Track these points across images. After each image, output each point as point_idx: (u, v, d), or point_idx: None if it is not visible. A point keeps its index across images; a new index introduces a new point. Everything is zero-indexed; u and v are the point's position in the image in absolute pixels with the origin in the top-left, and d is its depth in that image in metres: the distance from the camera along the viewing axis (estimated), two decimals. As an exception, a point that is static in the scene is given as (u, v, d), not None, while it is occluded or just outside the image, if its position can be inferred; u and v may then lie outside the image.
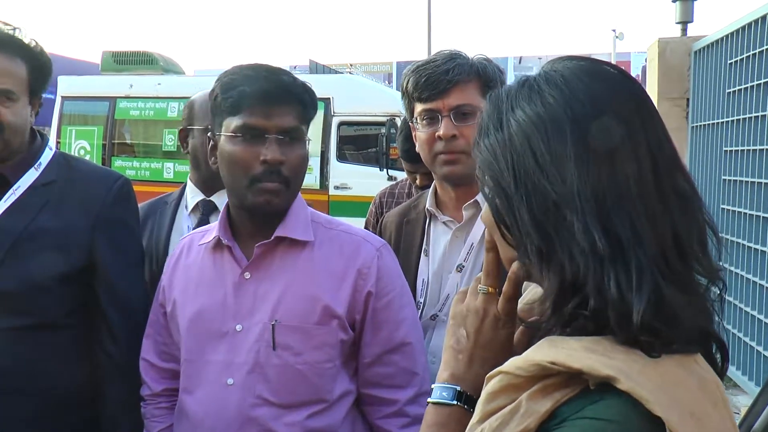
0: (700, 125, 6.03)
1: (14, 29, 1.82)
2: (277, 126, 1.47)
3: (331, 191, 8.90)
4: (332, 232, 1.61)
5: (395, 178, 7.92)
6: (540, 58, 28.80)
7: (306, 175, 1.63)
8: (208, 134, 1.62)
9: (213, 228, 1.63)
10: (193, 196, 2.21)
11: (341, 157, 9.04)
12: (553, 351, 0.77)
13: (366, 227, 2.43)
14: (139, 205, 2.11)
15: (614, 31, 25.59)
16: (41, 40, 1.84)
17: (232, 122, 1.49)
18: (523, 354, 0.81)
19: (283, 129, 1.48)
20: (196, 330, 1.57)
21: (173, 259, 1.71)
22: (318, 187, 8.90)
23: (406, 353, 1.57)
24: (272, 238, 1.53)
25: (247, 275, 1.55)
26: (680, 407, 0.71)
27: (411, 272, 1.83)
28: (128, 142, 10.17)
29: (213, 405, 1.52)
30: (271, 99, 1.48)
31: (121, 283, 1.81)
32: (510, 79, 1.21)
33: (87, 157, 9.59)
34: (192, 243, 1.69)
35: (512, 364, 0.79)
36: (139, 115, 9.97)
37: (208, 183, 2.17)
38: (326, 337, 1.51)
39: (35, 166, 1.81)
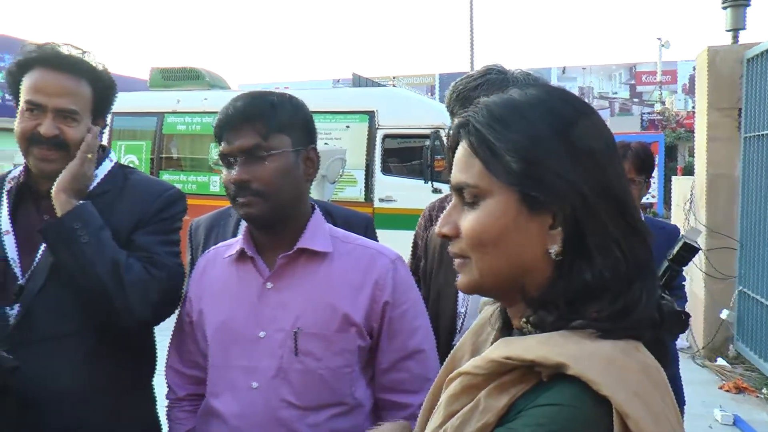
0: (754, 135, 5.88)
1: (83, 53, 1.87)
2: (239, 148, 1.58)
3: (376, 204, 8.88)
4: (349, 245, 1.70)
5: (440, 191, 7.86)
6: (584, 68, 28.52)
7: (350, 187, 1.66)
8: None
9: (237, 241, 1.72)
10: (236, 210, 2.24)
11: (386, 170, 9.01)
12: (508, 348, 0.83)
13: (415, 240, 2.42)
14: (203, 216, 2.24)
15: (660, 39, 25.15)
16: (89, 50, 1.88)
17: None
18: (481, 354, 0.87)
19: (244, 149, 1.57)
20: (221, 337, 1.66)
21: (198, 272, 1.79)
22: (363, 200, 8.90)
23: (420, 360, 1.66)
24: (294, 249, 1.63)
25: (270, 285, 1.64)
26: (626, 388, 0.76)
27: (453, 284, 1.84)
28: (175, 156, 10.31)
29: (239, 407, 1.60)
30: (229, 125, 1.60)
31: (162, 258, 1.84)
32: None
33: (135, 172, 9.75)
34: (216, 256, 1.78)
35: (471, 364, 0.85)
36: (186, 130, 10.11)
37: None
38: (345, 343, 1.60)
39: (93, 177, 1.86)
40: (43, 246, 1.78)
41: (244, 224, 2.22)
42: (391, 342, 1.65)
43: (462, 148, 0.96)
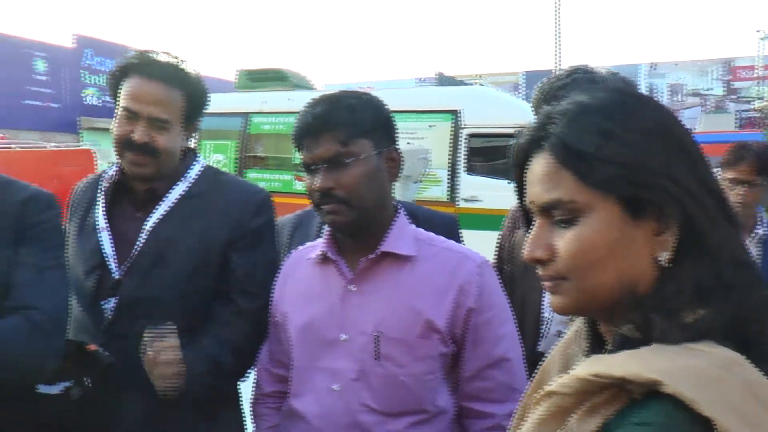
0: None
1: (179, 62, 1.94)
2: (320, 157, 1.56)
3: (461, 204, 8.78)
4: (434, 248, 1.66)
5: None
6: (675, 64, 27.50)
7: (434, 187, 1.60)
8: None
9: (320, 243, 1.71)
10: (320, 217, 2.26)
11: (471, 170, 8.90)
12: (597, 365, 0.78)
13: (501, 242, 2.35)
14: (288, 216, 2.29)
15: (760, 32, 24.00)
16: (184, 59, 1.96)
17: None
18: (569, 373, 0.81)
19: (325, 158, 1.56)
20: (305, 339, 1.67)
21: (283, 273, 1.81)
22: (446, 200, 8.82)
23: (506, 369, 1.61)
24: (377, 253, 1.61)
25: (353, 288, 1.63)
26: (728, 407, 0.69)
27: (538, 288, 1.84)
28: (260, 155, 10.50)
29: (320, 408, 1.61)
30: (308, 133, 1.58)
31: (251, 285, 1.88)
32: (643, 86, 1.12)
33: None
34: (300, 258, 1.79)
35: (558, 383, 0.80)
36: (271, 129, 10.29)
37: None
38: (428, 349, 1.58)
39: (184, 179, 1.94)
40: (138, 242, 1.85)
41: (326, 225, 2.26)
42: (476, 349, 1.60)
43: (543, 163, 0.89)
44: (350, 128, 1.57)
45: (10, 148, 12.98)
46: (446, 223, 2.28)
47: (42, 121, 25.39)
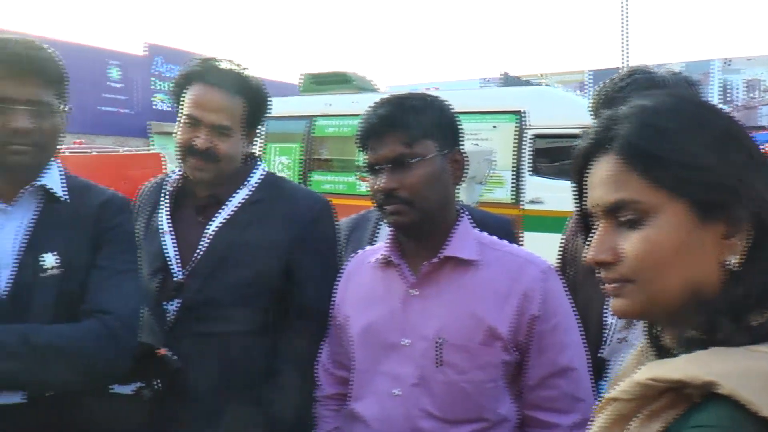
0: None
1: (241, 69, 1.99)
2: (384, 157, 1.57)
3: (526, 206, 8.65)
4: (497, 252, 1.65)
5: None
6: (752, 59, 26.46)
7: (498, 189, 1.60)
8: None
9: (381, 246, 1.72)
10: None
11: (536, 171, 8.76)
12: (654, 369, 0.78)
13: (565, 245, 2.30)
14: (344, 219, 2.30)
15: None
16: (247, 66, 2.00)
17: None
18: (628, 379, 0.81)
19: (389, 159, 1.57)
20: (366, 342, 1.68)
21: (345, 276, 1.83)
22: (510, 202, 8.71)
23: (571, 378, 1.59)
24: (440, 257, 1.60)
25: (414, 292, 1.63)
26: None
27: (601, 293, 1.74)
28: (325, 157, 10.58)
29: (380, 413, 1.61)
30: (373, 134, 1.60)
31: (313, 298, 1.89)
32: (716, 83, 1.09)
33: (287, 173, 10.18)
34: (362, 260, 1.80)
35: (618, 389, 0.81)
36: (335, 132, 10.36)
37: None
38: (490, 357, 1.56)
39: (245, 185, 1.97)
40: (201, 245, 1.89)
41: (382, 229, 2.29)
42: (540, 357, 1.58)
43: (609, 165, 0.89)
44: (415, 129, 1.57)
45: (85, 152, 13.47)
46: (501, 225, 2.27)
47: (115, 126, 26.23)
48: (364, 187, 9.62)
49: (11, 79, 1.56)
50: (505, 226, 2.30)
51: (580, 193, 0.97)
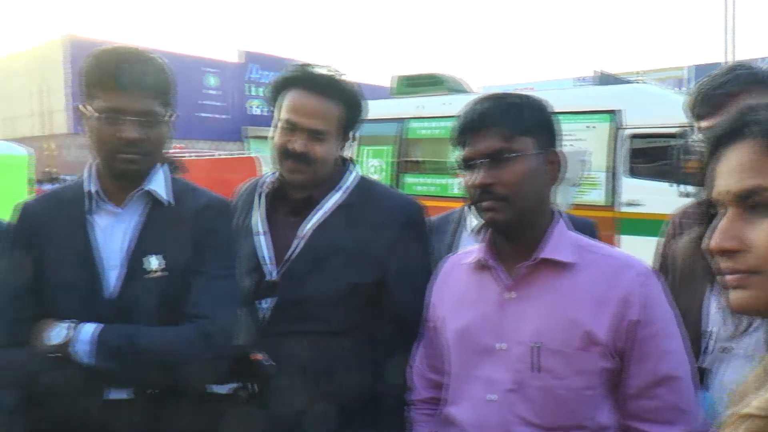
0: None
1: (337, 74, 2.02)
2: (482, 152, 1.56)
3: (622, 208, 8.42)
4: (595, 255, 1.61)
5: (687, 195, 7.26)
6: None
7: (593, 190, 1.58)
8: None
9: (476, 249, 1.69)
10: (476, 216, 2.24)
11: (633, 173, 8.51)
12: None
13: (663, 250, 2.22)
14: (428, 219, 2.24)
15: None
16: (343, 71, 2.02)
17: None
18: (764, 395, 0.78)
19: (486, 154, 1.55)
20: (461, 346, 1.65)
21: (440, 277, 1.81)
22: (605, 204, 8.51)
23: (673, 388, 1.51)
24: (536, 259, 1.57)
25: (511, 295, 1.59)
26: None
27: (699, 299, 1.76)
28: (417, 159, 10.63)
29: (476, 418, 1.58)
30: (472, 129, 1.58)
31: (406, 302, 1.91)
32: None
33: (380, 175, 10.29)
34: (456, 263, 1.78)
35: (754, 405, 0.77)
36: (427, 134, 10.39)
37: None
38: (588, 363, 1.51)
39: (339, 188, 2.01)
40: (294, 246, 1.94)
41: (464, 234, 2.32)
42: (640, 365, 1.52)
43: (745, 151, 0.86)
44: (513, 125, 1.56)
45: (183, 156, 14.01)
46: (585, 227, 2.23)
47: (212, 131, 27.14)
48: (456, 189, 9.67)
49: (123, 92, 1.64)
50: (589, 228, 2.24)
51: (703, 183, 0.94)
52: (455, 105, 11.35)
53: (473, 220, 2.28)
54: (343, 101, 2.00)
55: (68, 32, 28.83)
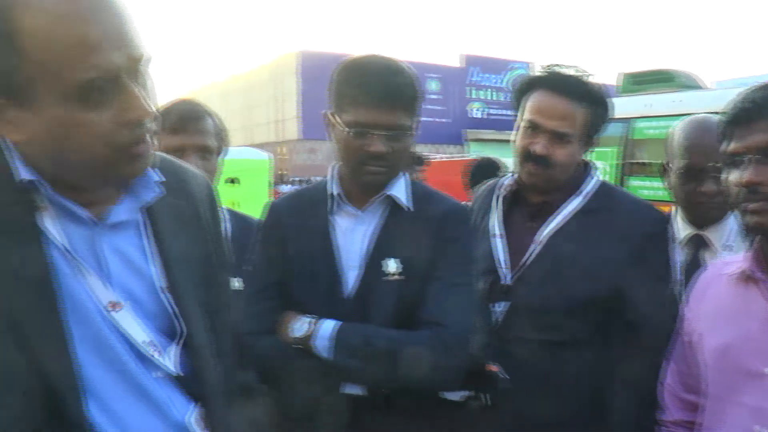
0: None
1: (585, 75, 1.98)
2: (751, 146, 1.39)
3: None
4: None
5: None
6: None
7: None
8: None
9: (739, 258, 1.54)
10: (684, 228, 2.15)
11: None
12: None
13: None
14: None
15: None
16: (591, 72, 1.98)
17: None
18: None
19: (759, 148, 1.38)
20: (721, 366, 1.49)
21: (697, 289, 1.67)
22: None
23: None
24: None
25: None
26: None
27: None
28: (644, 161, 10.08)
29: None
30: (742, 120, 1.42)
31: (647, 316, 1.82)
32: None
33: (603, 178, 9.89)
34: (716, 273, 1.63)
35: None
36: (655, 134, 9.81)
37: (698, 217, 2.10)
38: None
39: (579, 194, 1.97)
40: (530, 251, 1.92)
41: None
42: None
43: None
44: None
45: (407, 159, 14.47)
46: None
47: (433, 135, 27.79)
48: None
49: (374, 107, 1.66)
50: None
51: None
52: (686, 102, 10.73)
53: (680, 230, 2.15)
54: (589, 103, 1.95)
55: (300, 47, 31.12)
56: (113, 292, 1.08)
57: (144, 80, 1.03)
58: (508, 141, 2.08)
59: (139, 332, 1.09)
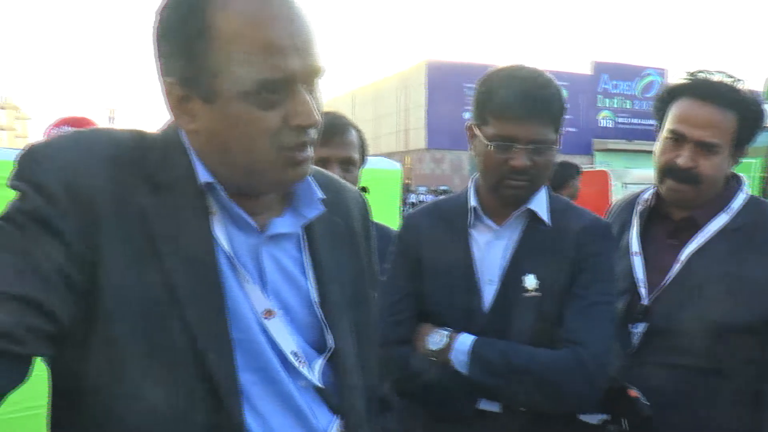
0: None
1: (734, 81, 1.85)
2: None
3: None
4: None
5: None
6: None
7: None
8: None
9: None
10: None
11: None
12: None
13: None
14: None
15: None
16: (741, 78, 1.84)
17: None
18: None
19: None
20: None
21: None
22: None
23: None
24: None
25: None
26: None
27: None
28: (793, 174, 9.41)
29: None
30: None
31: None
32: None
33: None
34: None
35: None
36: (803, 144, 9.13)
37: None
38: None
39: (726, 210, 1.83)
40: (672, 270, 1.81)
41: None
42: None
43: None
44: None
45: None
46: None
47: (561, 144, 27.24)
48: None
49: (519, 120, 1.63)
50: None
51: None
52: None
53: None
54: (739, 111, 1.81)
55: (427, 56, 31.35)
56: (268, 300, 1.10)
57: (315, 91, 1.06)
58: (636, 151, 1.95)
59: (289, 341, 1.11)
